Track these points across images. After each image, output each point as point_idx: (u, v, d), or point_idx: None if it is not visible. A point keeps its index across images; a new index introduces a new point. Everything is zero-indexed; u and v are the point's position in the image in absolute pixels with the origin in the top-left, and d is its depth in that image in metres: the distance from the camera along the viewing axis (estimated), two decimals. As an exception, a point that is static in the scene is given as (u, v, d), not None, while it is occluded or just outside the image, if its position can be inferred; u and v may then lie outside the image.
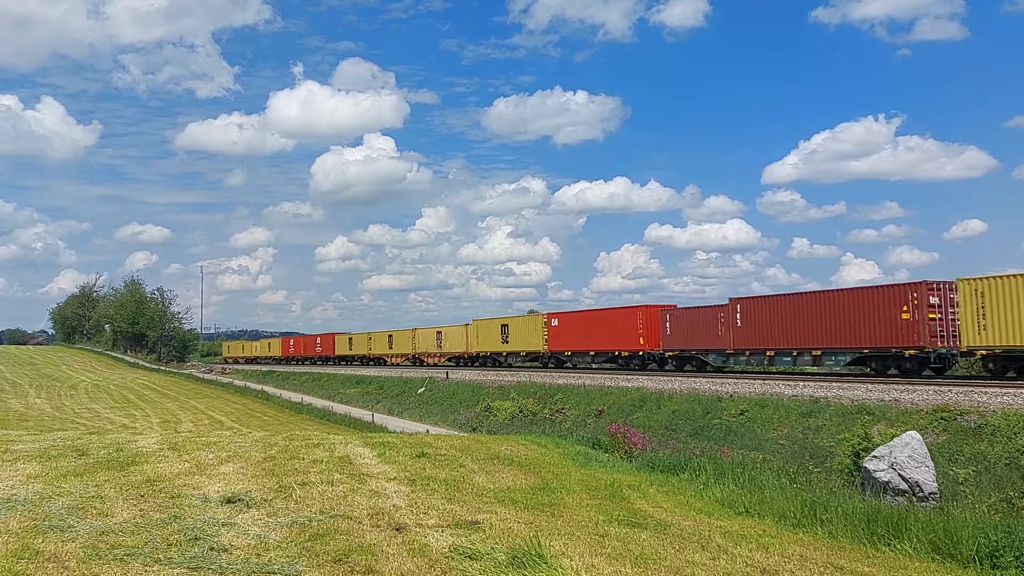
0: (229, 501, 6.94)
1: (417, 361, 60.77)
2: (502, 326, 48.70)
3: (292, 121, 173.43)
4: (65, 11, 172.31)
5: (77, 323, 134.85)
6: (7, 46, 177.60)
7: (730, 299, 33.43)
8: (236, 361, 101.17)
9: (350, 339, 74.16)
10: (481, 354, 51.08)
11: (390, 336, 65.95)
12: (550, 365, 44.89)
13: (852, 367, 29.84)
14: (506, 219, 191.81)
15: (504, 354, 48.46)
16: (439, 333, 57.62)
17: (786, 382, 26.45)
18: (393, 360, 64.88)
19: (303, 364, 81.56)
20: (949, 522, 7.65)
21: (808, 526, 7.95)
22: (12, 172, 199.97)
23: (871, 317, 26.89)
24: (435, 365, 57.34)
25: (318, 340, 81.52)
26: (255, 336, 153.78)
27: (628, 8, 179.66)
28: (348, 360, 73.57)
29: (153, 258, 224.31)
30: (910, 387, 22.32)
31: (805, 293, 30.83)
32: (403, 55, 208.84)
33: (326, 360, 78.19)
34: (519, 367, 46.73)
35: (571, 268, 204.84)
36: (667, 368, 36.93)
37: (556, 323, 44.13)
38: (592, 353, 41.22)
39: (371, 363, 67.55)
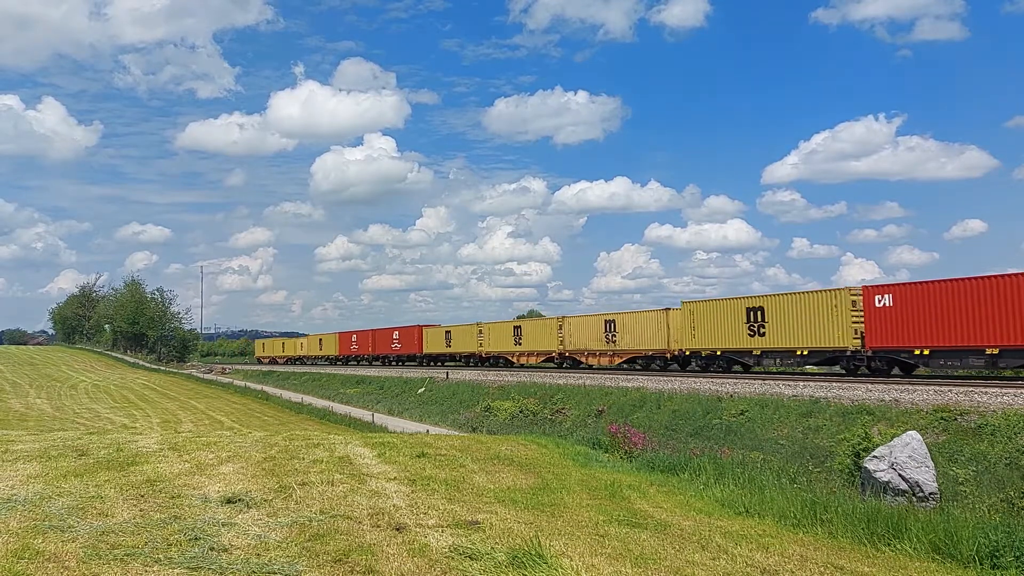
0: (229, 501, 6.93)
1: (574, 363, 43.01)
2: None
3: (293, 121, 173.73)
4: (66, 11, 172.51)
5: (77, 323, 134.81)
6: (8, 46, 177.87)
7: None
8: (274, 361, 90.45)
9: (448, 332, 56.30)
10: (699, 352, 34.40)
11: (518, 328, 48.11)
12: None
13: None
14: (506, 219, 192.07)
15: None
16: (610, 322, 39.46)
17: (786, 382, 26.44)
18: (524, 360, 46.89)
19: (372, 365, 66.39)
20: (949, 522, 7.66)
21: (808, 526, 7.95)
22: (13, 172, 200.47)
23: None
24: (606, 368, 40.25)
25: (396, 335, 64.52)
26: (256, 337, 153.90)
27: (628, 8, 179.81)
28: (443, 360, 57.71)
29: (153, 258, 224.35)
30: (910, 387, 22.32)
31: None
32: (404, 55, 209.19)
33: (409, 360, 62.12)
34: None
35: (571, 268, 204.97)
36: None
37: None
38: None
39: (485, 364, 51.15)
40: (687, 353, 35.09)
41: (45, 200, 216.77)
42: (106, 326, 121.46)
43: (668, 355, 36.32)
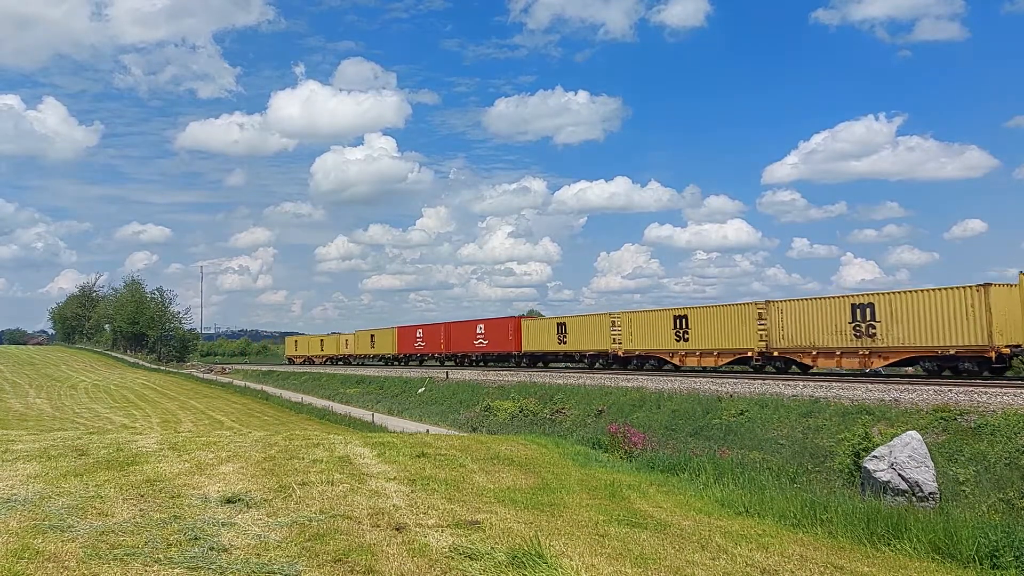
0: (229, 501, 6.93)
1: (784, 365, 30.95)
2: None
3: (293, 121, 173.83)
4: (67, 11, 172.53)
5: (77, 323, 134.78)
6: (9, 46, 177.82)
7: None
8: (310, 362, 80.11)
9: (561, 325, 43.45)
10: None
11: (681, 318, 34.80)
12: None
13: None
14: (506, 219, 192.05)
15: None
16: (864, 307, 27.34)
17: (786, 382, 26.43)
18: (694, 360, 34.47)
19: (443, 366, 53.26)
20: (949, 522, 7.66)
21: (808, 526, 7.95)
22: (13, 172, 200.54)
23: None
24: (848, 372, 29.85)
25: (480, 329, 51.19)
26: (256, 337, 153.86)
27: (629, 8, 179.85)
28: (553, 360, 46.18)
29: (153, 258, 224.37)
30: (910, 387, 22.31)
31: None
32: (404, 55, 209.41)
33: (502, 361, 49.81)
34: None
35: (571, 268, 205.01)
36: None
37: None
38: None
39: (626, 366, 38.59)
40: None
41: (45, 200, 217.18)
42: (106, 326, 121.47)
43: (990, 354, 23.27)
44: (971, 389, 20.83)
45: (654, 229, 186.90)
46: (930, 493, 11.28)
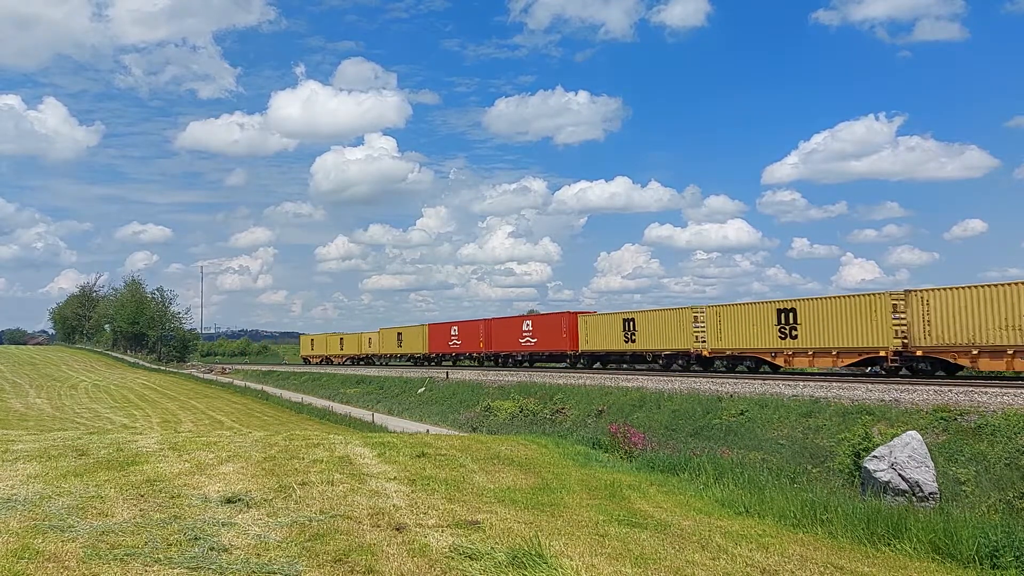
0: (229, 501, 6.93)
1: (930, 367, 26.08)
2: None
3: (293, 121, 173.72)
4: (68, 12, 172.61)
5: (77, 323, 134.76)
6: (10, 46, 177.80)
7: None
8: (327, 362, 75.47)
9: (629, 322, 38.17)
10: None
11: (787, 312, 30.07)
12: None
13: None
14: (507, 219, 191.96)
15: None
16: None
17: (786, 382, 26.44)
18: (804, 361, 29.65)
19: (481, 367, 49.71)
20: (949, 522, 7.65)
21: (808, 526, 7.95)
22: (14, 172, 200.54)
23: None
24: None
25: (527, 325, 46.33)
26: (256, 337, 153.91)
27: (629, 7, 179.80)
28: (619, 361, 40.13)
29: (153, 258, 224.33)
30: (910, 387, 22.31)
31: None
32: (404, 55, 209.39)
33: (554, 360, 45.50)
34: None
35: (571, 268, 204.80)
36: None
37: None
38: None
39: (713, 367, 34.20)
40: None
41: (46, 200, 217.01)
42: (106, 326, 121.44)
43: None
44: (971, 389, 20.83)
45: (654, 229, 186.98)
46: (930, 493, 11.27)
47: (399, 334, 63.51)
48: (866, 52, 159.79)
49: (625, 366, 39.98)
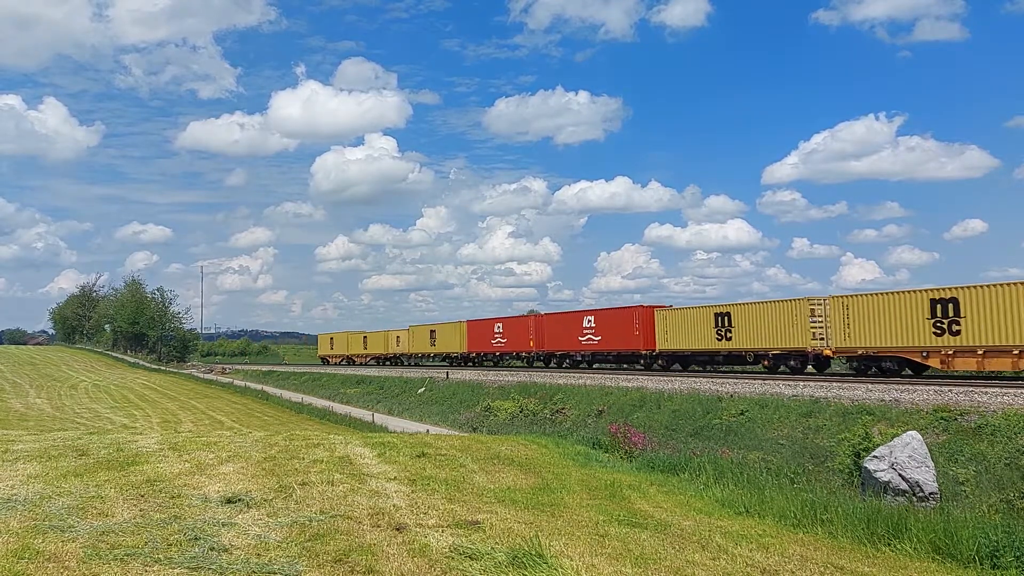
0: (229, 501, 6.94)
1: None
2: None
3: (294, 121, 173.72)
4: (68, 12, 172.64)
5: (77, 323, 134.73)
6: (10, 46, 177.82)
7: None
8: (350, 362, 70.29)
9: (722, 317, 33.11)
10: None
11: (950, 303, 24.85)
12: None
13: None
14: (507, 219, 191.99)
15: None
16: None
17: (786, 382, 26.43)
18: (970, 362, 24.44)
19: (531, 368, 45.37)
20: (949, 522, 7.66)
21: (808, 526, 7.95)
22: (14, 172, 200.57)
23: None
24: None
25: (589, 321, 41.03)
26: (256, 337, 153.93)
27: (629, 7, 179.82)
28: (710, 362, 35.07)
29: (153, 258, 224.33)
30: (910, 387, 22.31)
31: None
32: (404, 55, 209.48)
33: (626, 360, 39.84)
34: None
35: (571, 268, 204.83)
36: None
37: None
38: None
39: (827, 371, 31.22)
40: None
41: (46, 200, 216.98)
42: (106, 326, 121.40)
43: None
44: (971, 389, 20.82)
45: (654, 229, 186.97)
46: (930, 493, 11.27)
47: (432, 332, 58.62)
48: (866, 52, 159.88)
49: (719, 368, 35.31)
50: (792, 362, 30.52)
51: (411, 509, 7.13)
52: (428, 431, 24.98)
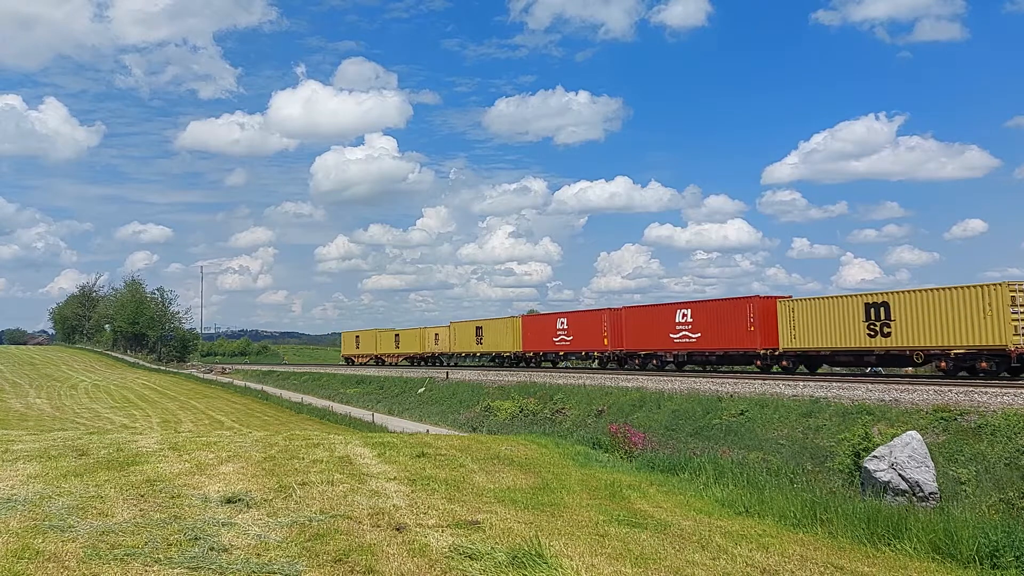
0: (229, 501, 6.93)
1: None
2: None
3: (294, 121, 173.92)
4: (69, 12, 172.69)
5: (77, 323, 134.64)
6: (11, 46, 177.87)
7: None
8: (379, 361, 65.60)
9: (877, 309, 27.03)
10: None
11: None
12: None
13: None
14: (507, 219, 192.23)
15: None
16: None
17: (786, 382, 26.42)
18: None
19: (603, 370, 40.73)
20: (949, 522, 7.65)
21: (808, 526, 7.95)
22: (14, 172, 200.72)
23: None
24: None
25: (683, 315, 35.05)
26: (256, 337, 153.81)
27: (629, 7, 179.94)
28: (859, 363, 29.13)
29: (153, 258, 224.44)
30: (910, 387, 22.31)
31: None
32: (404, 55, 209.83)
33: (734, 361, 34.29)
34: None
35: (571, 268, 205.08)
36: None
37: None
38: None
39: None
40: None
41: (46, 200, 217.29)
42: (106, 326, 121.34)
43: None
44: (971, 389, 20.81)
45: (654, 229, 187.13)
46: (930, 493, 11.27)
47: (478, 328, 53.37)
48: (866, 52, 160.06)
49: (869, 370, 29.82)
50: (984, 363, 24.13)
51: (411, 509, 7.13)
52: (428, 431, 24.97)
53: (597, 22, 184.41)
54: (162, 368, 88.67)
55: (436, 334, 58.94)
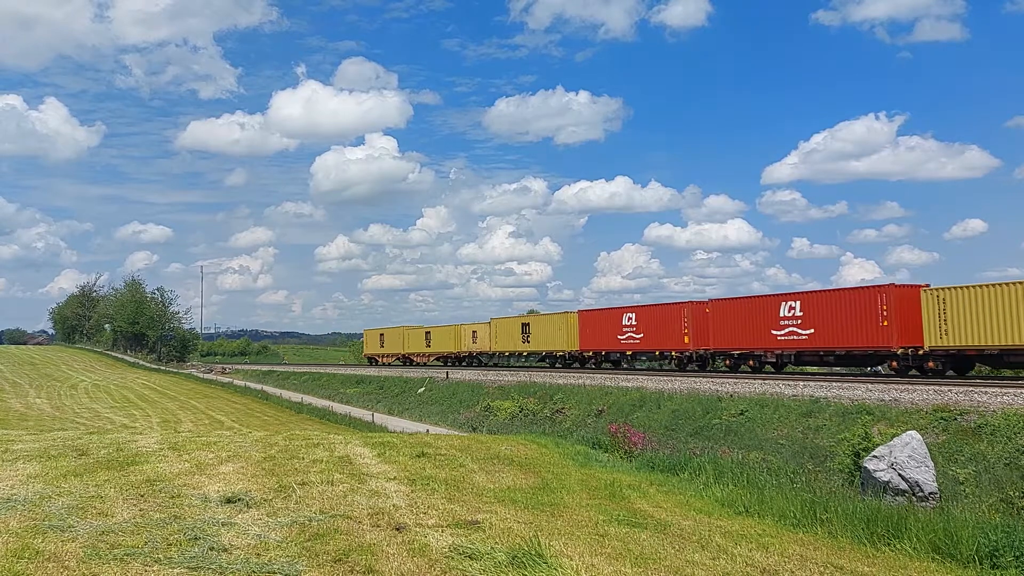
0: (229, 501, 6.93)
1: None
2: None
3: (294, 121, 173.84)
4: (69, 12, 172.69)
5: (77, 323, 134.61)
6: (11, 46, 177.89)
7: None
8: (408, 361, 60.41)
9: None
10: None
11: None
12: None
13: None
14: (507, 219, 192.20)
15: None
16: None
17: (786, 382, 26.41)
18: None
19: (683, 372, 34.56)
20: (949, 522, 7.65)
21: (808, 526, 7.95)
22: (14, 172, 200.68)
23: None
24: None
25: (789, 308, 30.10)
26: (256, 337, 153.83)
27: (629, 7, 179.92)
28: (1015, 360, 23.48)
29: (154, 258, 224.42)
30: (910, 387, 22.30)
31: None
32: (404, 55, 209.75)
33: (865, 363, 29.36)
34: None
35: (571, 268, 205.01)
36: None
37: None
38: None
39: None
40: None
41: (46, 200, 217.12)
42: (106, 326, 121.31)
43: None
44: (971, 389, 20.81)
45: (654, 229, 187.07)
46: (930, 493, 11.27)
47: (525, 325, 47.66)
48: (866, 52, 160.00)
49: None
50: None
51: (411, 509, 7.13)
52: (428, 431, 24.97)
53: (597, 22, 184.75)
54: (162, 368, 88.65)
55: (474, 331, 53.14)
